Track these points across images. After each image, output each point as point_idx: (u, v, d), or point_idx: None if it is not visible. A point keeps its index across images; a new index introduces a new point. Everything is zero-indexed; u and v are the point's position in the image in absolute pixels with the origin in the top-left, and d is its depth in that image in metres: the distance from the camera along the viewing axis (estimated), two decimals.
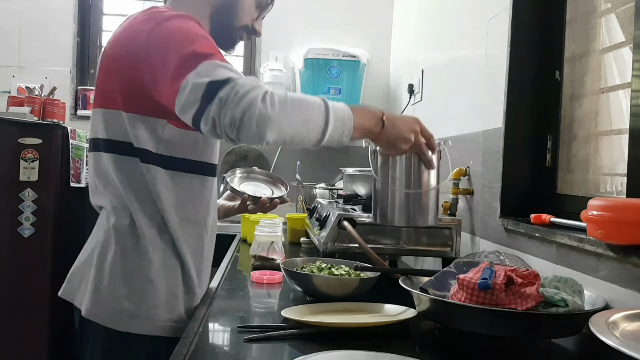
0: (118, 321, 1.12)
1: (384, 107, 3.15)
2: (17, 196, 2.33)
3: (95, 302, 1.13)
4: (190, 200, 1.18)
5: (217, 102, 0.94)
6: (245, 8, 1.26)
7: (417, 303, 1.07)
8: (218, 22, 1.25)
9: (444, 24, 2.21)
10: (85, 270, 1.19)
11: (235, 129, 0.94)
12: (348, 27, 3.20)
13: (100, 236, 1.17)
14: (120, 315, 1.12)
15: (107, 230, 1.16)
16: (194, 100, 0.96)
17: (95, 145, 1.18)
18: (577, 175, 1.44)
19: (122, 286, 1.13)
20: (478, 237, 1.72)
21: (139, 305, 1.12)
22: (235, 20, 1.27)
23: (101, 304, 1.13)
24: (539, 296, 0.93)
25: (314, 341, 0.99)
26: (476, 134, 1.77)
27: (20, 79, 2.98)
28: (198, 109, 0.95)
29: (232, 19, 1.26)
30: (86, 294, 1.15)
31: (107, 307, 1.13)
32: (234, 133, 0.94)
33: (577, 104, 1.45)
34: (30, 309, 2.33)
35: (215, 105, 0.94)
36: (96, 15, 3.16)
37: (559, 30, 1.51)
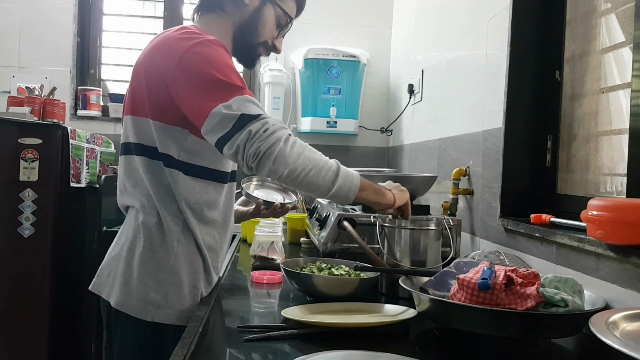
0: (146, 311, 1.20)
1: (383, 107, 3.18)
2: (17, 196, 2.33)
3: (125, 293, 1.21)
4: (205, 204, 1.25)
5: (247, 133, 1.07)
6: (266, 27, 1.34)
7: (417, 303, 1.07)
8: (240, 40, 1.34)
9: (444, 24, 2.21)
10: (113, 264, 1.27)
11: (257, 160, 1.07)
12: (348, 27, 3.20)
13: (130, 233, 1.25)
14: (148, 305, 1.20)
15: (135, 227, 1.24)
16: (223, 127, 1.08)
17: (127, 149, 1.27)
18: (577, 175, 1.44)
19: (150, 278, 1.20)
20: (478, 237, 1.72)
21: (165, 296, 1.20)
22: (257, 39, 1.35)
23: (130, 296, 1.21)
24: (539, 296, 0.93)
25: (314, 341, 0.99)
26: (476, 134, 1.77)
27: (20, 79, 2.98)
28: (226, 134, 1.08)
29: (253, 37, 1.34)
30: (115, 287, 1.23)
31: (136, 298, 1.20)
32: (254, 163, 1.07)
33: (577, 104, 1.45)
34: (30, 308, 2.33)
35: (245, 135, 1.07)
36: (96, 16, 3.16)
37: (559, 30, 1.51)
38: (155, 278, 1.20)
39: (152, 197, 1.22)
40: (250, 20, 1.33)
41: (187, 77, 1.13)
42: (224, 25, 1.32)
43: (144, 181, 1.23)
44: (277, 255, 1.68)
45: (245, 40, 1.34)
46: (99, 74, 3.19)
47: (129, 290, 1.21)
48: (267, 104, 3.06)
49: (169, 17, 3.19)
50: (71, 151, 2.42)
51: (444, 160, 2.09)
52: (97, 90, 3.08)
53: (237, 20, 1.33)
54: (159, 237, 1.21)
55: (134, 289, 1.21)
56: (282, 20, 1.38)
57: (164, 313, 1.20)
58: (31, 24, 3.02)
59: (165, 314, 1.20)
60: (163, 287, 1.20)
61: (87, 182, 2.58)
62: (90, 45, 3.16)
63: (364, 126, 3.13)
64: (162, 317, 1.20)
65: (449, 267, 1.16)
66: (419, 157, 2.49)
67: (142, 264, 1.21)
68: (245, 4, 1.32)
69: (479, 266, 1.02)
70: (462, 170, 1.81)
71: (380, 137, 3.19)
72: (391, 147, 3.12)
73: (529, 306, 0.92)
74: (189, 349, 0.93)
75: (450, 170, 1.88)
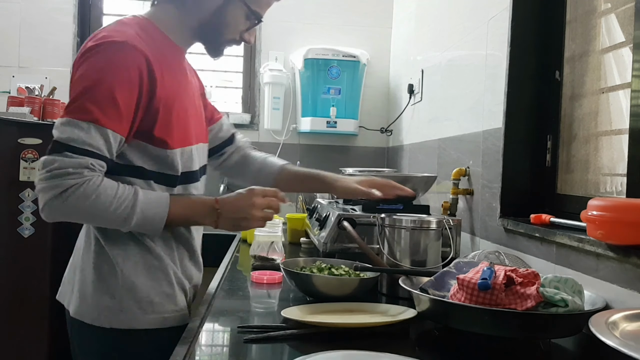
0: (102, 317, 1.16)
1: (383, 107, 3.18)
2: (17, 196, 2.32)
3: (82, 301, 1.18)
4: None
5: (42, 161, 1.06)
6: (230, 25, 1.26)
7: (417, 303, 1.07)
8: (203, 35, 1.28)
9: (444, 24, 2.21)
10: (71, 272, 1.25)
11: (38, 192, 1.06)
12: (348, 27, 3.20)
13: (82, 239, 1.24)
14: (104, 311, 1.16)
15: (87, 233, 1.22)
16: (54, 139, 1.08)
17: None
18: (577, 175, 1.44)
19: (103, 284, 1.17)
20: (478, 237, 1.72)
21: (120, 302, 1.16)
22: (220, 36, 1.27)
23: (86, 303, 1.18)
24: (539, 296, 0.93)
25: (314, 341, 0.99)
26: (476, 134, 1.77)
27: (20, 79, 2.98)
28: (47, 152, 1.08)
29: (217, 34, 1.27)
30: (73, 295, 1.21)
31: (91, 305, 1.17)
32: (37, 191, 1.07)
33: (577, 104, 1.45)
34: (29, 309, 2.33)
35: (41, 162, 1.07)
36: (96, 15, 3.16)
37: (558, 31, 1.51)
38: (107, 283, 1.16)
39: None
40: (212, 19, 1.24)
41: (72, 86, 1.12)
42: (181, 20, 1.24)
43: None
44: (277, 255, 1.68)
45: (208, 35, 1.27)
46: None
47: (85, 298, 1.18)
48: (267, 104, 3.06)
49: None
50: None
51: (444, 160, 2.09)
52: None
53: (196, 17, 1.24)
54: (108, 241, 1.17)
55: (89, 296, 1.17)
56: (251, 18, 1.26)
57: (121, 318, 1.16)
58: (31, 24, 3.02)
59: (122, 320, 1.16)
60: (117, 292, 1.16)
61: None
62: None
63: (364, 126, 3.13)
64: (120, 323, 1.16)
65: (449, 267, 1.16)
66: (419, 157, 2.49)
67: (95, 269, 1.17)
68: (204, 1, 1.22)
69: (479, 266, 1.03)
70: (462, 170, 1.81)
71: (380, 137, 3.19)
72: (391, 147, 3.12)
73: (529, 306, 0.92)
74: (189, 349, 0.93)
75: (450, 170, 1.88)
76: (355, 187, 1.48)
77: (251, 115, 3.20)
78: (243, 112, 3.23)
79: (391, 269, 1.34)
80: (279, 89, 3.06)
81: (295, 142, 3.17)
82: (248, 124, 3.16)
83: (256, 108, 3.19)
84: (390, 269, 1.35)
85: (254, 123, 3.18)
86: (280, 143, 3.14)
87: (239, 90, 3.26)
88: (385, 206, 1.66)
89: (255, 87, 3.18)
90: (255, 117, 3.18)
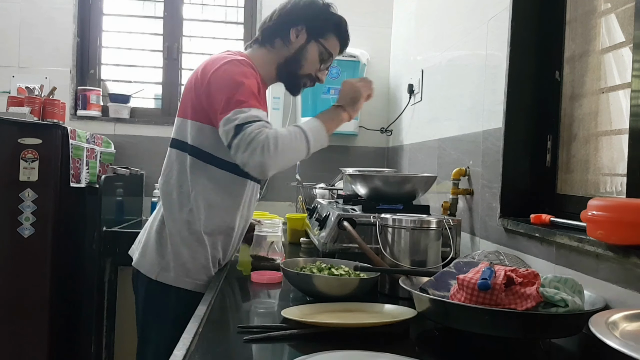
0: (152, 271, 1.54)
1: (383, 107, 3.18)
2: (17, 196, 2.32)
3: (141, 256, 1.58)
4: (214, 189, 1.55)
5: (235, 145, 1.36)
6: (309, 62, 1.60)
7: (417, 303, 1.07)
8: (284, 71, 1.62)
9: (444, 24, 2.21)
10: (142, 234, 1.66)
11: (246, 167, 1.38)
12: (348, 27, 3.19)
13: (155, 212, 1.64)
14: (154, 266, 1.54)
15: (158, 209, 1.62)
16: (226, 136, 1.38)
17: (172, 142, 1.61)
18: (577, 175, 1.44)
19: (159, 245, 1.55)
20: (478, 237, 1.72)
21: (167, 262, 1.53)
22: (300, 71, 1.62)
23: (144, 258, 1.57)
24: (539, 296, 0.93)
25: (314, 341, 0.99)
26: (476, 134, 1.77)
27: (20, 79, 2.98)
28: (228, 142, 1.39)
29: (297, 69, 1.61)
30: (137, 250, 1.61)
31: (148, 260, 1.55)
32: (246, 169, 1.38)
33: (577, 104, 1.45)
34: (29, 308, 2.33)
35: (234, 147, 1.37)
36: (96, 16, 3.16)
37: (558, 31, 1.51)
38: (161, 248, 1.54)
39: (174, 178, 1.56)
40: (295, 55, 1.59)
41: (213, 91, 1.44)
42: (271, 58, 1.61)
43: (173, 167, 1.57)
44: (277, 256, 1.68)
45: (288, 71, 1.61)
46: (98, 74, 3.19)
47: (144, 254, 1.57)
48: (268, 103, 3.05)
49: (169, 17, 3.19)
50: (71, 151, 2.42)
51: (444, 161, 2.09)
52: (97, 91, 3.08)
53: (283, 55, 1.60)
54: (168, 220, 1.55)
55: (147, 254, 1.55)
56: (324, 56, 1.62)
57: (166, 275, 1.52)
58: (31, 24, 3.02)
59: (165, 276, 1.52)
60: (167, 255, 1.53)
61: (87, 182, 2.58)
62: (90, 45, 3.15)
63: (364, 126, 3.13)
64: (163, 278, 1.52)
65: (449, 267, 1.16)
66: (418, 157, 2.49)
67: (157, 233, 1.56)
68: (292, 42, 1.59)
69: (479, 266, 1.03)
70: (462, 170, 1.81)
71: (380, 137, 3.19)
72: (391, 147, 3.12)
73: (529, 306, 0.92)
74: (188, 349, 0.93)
75: (450, 170, 1.88)
76: None
77: None
78: None
79: (391, 269, 1.34)
80: (279, 89, 3.05)
81: None
82: None
83: None
84: (390, 269, 1.34)
85: None
86: None
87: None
88: (385, 206, 1.66)
89: None
90: None
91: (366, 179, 1.73)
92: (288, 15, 1.60)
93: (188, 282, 1.54)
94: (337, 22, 1.64)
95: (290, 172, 2.87)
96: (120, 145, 3.00)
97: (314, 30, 1.60)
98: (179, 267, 1.53)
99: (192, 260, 1.54)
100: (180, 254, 1.53)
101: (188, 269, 1.53)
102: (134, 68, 3.19)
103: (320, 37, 1.60)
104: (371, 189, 1.70)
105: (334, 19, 1.64)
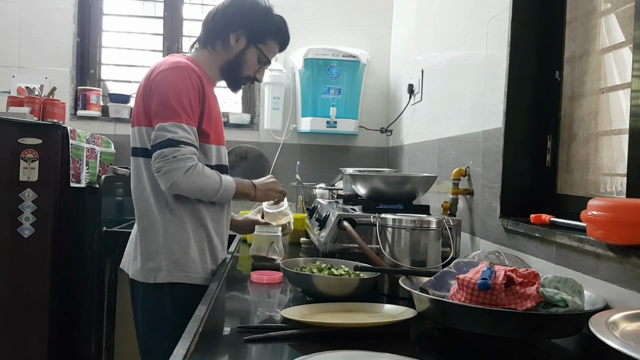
0: (149, 276, 1.55)
1: (383, 107, 3.18)
2: (17, 196, 2.32)
3: (134, 266, 1.59)
4: None
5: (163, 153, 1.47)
6: (247, 65, 1.68)
7: (417, 303, 1.07)
8: (226, 73, 1.69)
9: (444, 24, 2.21)
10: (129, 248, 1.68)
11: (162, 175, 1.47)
12: (348, 27, 3.20)
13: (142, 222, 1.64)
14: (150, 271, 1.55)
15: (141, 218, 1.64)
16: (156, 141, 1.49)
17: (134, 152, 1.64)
18: (577, 176, 1.44)
19: (146, 250, 1.57)
20: (478, 237, 1.72)
21: (161, 262, 1.55)
22: (240, 74, 1.69)
23: (139, 267, 1.58)
24: (539, 296, 0.93)
25: (314, 341, 0.99)
26: (476, 134, 1.77)
27: (20, 79, 2.98)
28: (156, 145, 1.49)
29: (237, 72, 1.69)
30: (130, 263, 1.62)
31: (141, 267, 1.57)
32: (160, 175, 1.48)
33: (577, 104, 1.45)
34: (29, 308, 2.33)
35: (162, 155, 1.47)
36: (96, 16, 3.16)
37: (558, 30, 1.51)
38: (151, 249, 1.56)
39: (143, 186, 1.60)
40: (235, 59, 1.66)
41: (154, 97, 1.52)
42: (213, 60, 1.67)
43: (142, 174, 1.60)
44: (277, 256, 1.68)
45: (230, 73, 1.69)
46: (98, 74, 3.19)
47: (136, 263, 1.58)
48: (267, 104, 3.06)
49: (169, 17, 3.19)
50: (71, 151, 2.42)
51: (444, 161, 2.09)
52: (97, 91, 3.08)
53: (223, 58, 1.66)
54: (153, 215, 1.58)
55: (140, 261, 1.57)
56: (263, 60, 1.69)
57: (162, 275, 1.54)
58: (31, 24, 3.02)
59: (163, 276, 1.54)
60: (157, 257, 1.56)
61: (87, 182, 2.58)
62: (90, 45, 3.15)
63: (364, 126, 3.13)
64: (162, 279, 1.54)
65: (449, 267, 1.16)
66: (418, 157, 2.49)
67: (142, 240, 1.58)
68: (231, 46, 1.65)
69: (479, 266, 1.02)
70: (462, 170, 1.81)
71: (380, 137, 3.19)
72: (391, 147, 3.12)
73: (529, 306, 0.92)
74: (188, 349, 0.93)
75: (450, 170, 1.88)
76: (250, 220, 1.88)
77: (251, 116, 3.20)
78: (243, 112, 3.23)
79: (391, 269, 1.34)
80: (279, 89, 3.06)
81: (295, 142, 3.17)
82: (248, 124, 3.17)
83: (256, 108, 3.19)
84: (391, 269, 1.34)
85: (254, 123, 3.18)
86: (280, 143, 3.15)
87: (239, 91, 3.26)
88: (385, 206, 1.66)
89: (255, 87, 3.18)
90: (255, 117, 3.18)
91: (366, 179, 1.73)
92: (229, 18, 1.64)
93: (183, 276, 1.56)
94: (277, 27, 1.68)
95: (291, 172, 2.87)
96: (121, 145, 3.00)
97: (254, 37, 1.65)
98: (171, 264, 1.55)
99: (182, 254, 1.56)
100: (171, 251, 1.55)
101: (181, 264, 1.55)
102: (134, 68, 3.19)
103: (259, 43, 1.65)
104: (371, 189, 1.70)
105: (274, 25, 1.68)
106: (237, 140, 3.10)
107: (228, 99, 3.21)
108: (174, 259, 1.55)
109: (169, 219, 1.57)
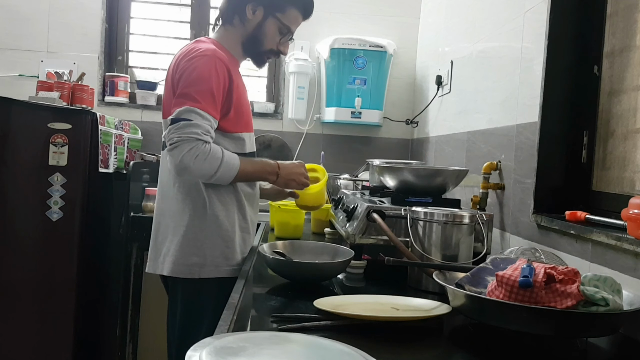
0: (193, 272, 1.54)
1: (408, 99, 3.15)
2: (47, 180, 2.36)
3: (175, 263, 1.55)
4: None
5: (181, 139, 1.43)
6: (268, 37, 1.63)
7: (452, 298, 1.06)
8: (248, 47, 1.65)
9: (477, 15, 2.18)
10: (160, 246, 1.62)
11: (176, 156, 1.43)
12: (375, 16, 3.17)
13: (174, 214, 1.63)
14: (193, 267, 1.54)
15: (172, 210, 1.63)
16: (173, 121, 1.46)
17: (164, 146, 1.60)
18: (614, 173, 1.41)
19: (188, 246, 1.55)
20: (508, 232, 1.70)
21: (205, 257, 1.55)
22: (262, 47, 1.65)
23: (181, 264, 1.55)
24: (580, 294, 0.92)
25: (347, 333, 0.99)
26: (509, 127, 1.74)
27: (48, 63, 3.01)
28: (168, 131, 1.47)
29: (258, 46, 1.64)
30: (166, 261, 1.57)
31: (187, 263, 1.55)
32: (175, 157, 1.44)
33: (616, 99, 1.42)
34: (57, 291, 2.37)
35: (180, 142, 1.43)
36: (124, 2, 3.17)
37: (598, 24, 1.48)
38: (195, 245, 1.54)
39: None
40: (254, 32, 1.62)
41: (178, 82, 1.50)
42: (234, 37, 1.64)
43: None
44: None
45: (252, 48, 1.64)
46: (126, 60, 3.21)
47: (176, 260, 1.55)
48: (292, 93, 3.05)
49: (196, 4, 3.19)
50: (100, 137, 2.44)
51: (473, 154, 2.07)
52: (125, 77, 3.10)
53: (243, 32, 1.62)
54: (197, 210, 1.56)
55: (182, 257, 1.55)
56: (284, 31, 1.63)
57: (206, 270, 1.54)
58: (60, 9, 3.04)
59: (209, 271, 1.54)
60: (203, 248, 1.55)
61: (115, 168, 2.60)
62: (118, 31, 3.17)
63: (388, 117, 3.11)
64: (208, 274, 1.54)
65: (485, 263, 1.15)
66: (445, 149, 2.47)
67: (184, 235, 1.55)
68: (249, 19, 1.60)
69: (517, 263, 1.02)
70: (493, 164, 1.79)
71: (404, 129, 3.17)
72: (415, 139, 3.10)
73: (569, 304, 0.91)
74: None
75: (479, 164, 1.86)
76: None
77: (275, 105, 3.20)
78: (267, 101, 3.23)
79: (424, 263, 1.33)
80: (303, 79, 3.05)
81: (319, 132, 3.17)
82: (272, 113, 3.16)
83: (281, 97, 3.19)
84: (423, 262, 1.34)
85: (278, 112, 3.18)
86: (303, 133, 3.14)
87: (264, 79, 3.26)
88: (414, 199, 1.65)
89: (280, 76, 3.17)
90: (280, 107, 3.18)
91: (396, 171, 1.72)
92: None
93: (229, 270, 1.56)
94: None
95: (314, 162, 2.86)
96: (148, 132, 3.02)
97: (271, 6, 1.59)
98: (216, 258, 1.55)
99: (225, 247, 1.57)
100: (215, 245, 1.55)
101: (226, 257, 1.56)
102: (160, 55, 3.20)
103: (278, 12, 1.60)
104: (400, 181, 1.69)
105: None
106: (261, 129, 3.10)
107: (252, 88, 3.21)
108: (218, 253, 1.56)
109: (209, 214, 1.55)
